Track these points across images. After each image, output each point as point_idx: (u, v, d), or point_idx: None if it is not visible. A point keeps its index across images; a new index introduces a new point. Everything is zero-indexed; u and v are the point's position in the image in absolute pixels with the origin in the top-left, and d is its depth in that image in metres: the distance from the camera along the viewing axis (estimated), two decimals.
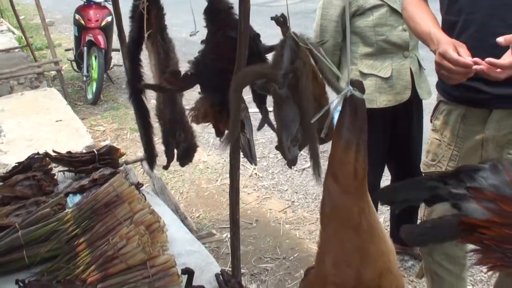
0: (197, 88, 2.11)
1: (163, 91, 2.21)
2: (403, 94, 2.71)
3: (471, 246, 1.29)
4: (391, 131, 2.88)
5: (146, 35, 2.20)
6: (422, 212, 2.32)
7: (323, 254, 1.53)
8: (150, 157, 2.74)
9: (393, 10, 2.60)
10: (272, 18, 1.60)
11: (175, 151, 2.74)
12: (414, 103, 2.80)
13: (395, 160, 3.11)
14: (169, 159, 2.77)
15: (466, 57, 1.61)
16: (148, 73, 2.55)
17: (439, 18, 2.01)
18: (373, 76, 2.66)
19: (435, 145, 2.16)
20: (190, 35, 1.97)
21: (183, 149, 2.64)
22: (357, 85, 1.32)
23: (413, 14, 1.99)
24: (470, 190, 1.24)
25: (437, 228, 1.31)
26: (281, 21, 1.58)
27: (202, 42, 2.03)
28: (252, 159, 2.15)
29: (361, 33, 2.62)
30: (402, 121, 2.87)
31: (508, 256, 1.21)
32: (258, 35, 1.84)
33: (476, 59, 1.58)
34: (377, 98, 2.66)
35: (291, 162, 1.75)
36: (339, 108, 2.40)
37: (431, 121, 2.20)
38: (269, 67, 1.65)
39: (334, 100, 1.39)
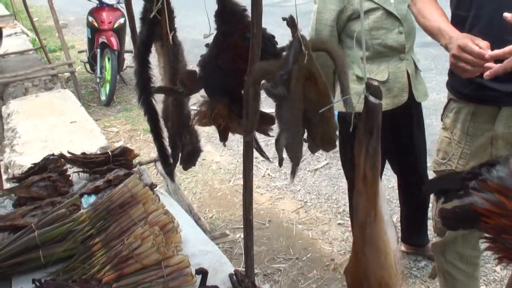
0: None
1: (177, 94, 2.21)
2: (401, 97, 2.69)
3: (484, 246, 1.32)
4: (392, 135, 2.86)
5: (168, 37, 2.20)
6: (434, 210, 2.32)
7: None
8: (164, 159, 2.74)
9: (389, 13, 2.57)
10: (283, 19, 1.61)
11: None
12: (412, 104, 2.79)
13: (400, 162, 3.10)
14: (175, 162, 2.78)
15: (486, 49, 1.62)
16: (157, 75, 2.56)
17: (448, 13, 2.02)
18: (369, 80, 2.63)
19: (445, 143, 2.17)
20: (204, 37, 1.98)
21: (188, 152, 2.63)
22: (373, 89, 1.33)
23: (423, 9, 1.99)
24: (478, 182, 1.30)
25: (460, 214, 1.35)
26: (290, 22, 1.59)
27: (206, 45, 2.04)
28: (267, 157, 2.17)
29: (357, 36, 2.59)
30: (402, 123, 2.85)
31: (507, 247, 1.23)
32: (272, 36, 1.85)
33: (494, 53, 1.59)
34: None
35: (281, 162, 1.76)
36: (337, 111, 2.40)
37: (441, 120, 2.20)
38: (277, 66, 1.66)
39: (334, 103, 1.41)
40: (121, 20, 7.16)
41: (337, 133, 1.69)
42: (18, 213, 2.20)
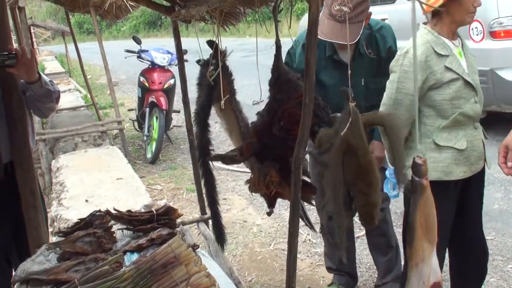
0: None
1: (233, 161, 2.24)
2: (477, 164, 2.72)
3: None
4: (461, 201, 2.82)
5: (222, 102, 2.25)
6: None
7: None
8: (219, 232, 2.73)
9: (467, 83, 2.61)
10: (340, 91, 1.64)
11: None
12: (484, 171, 2.82)
13: (463, 230, 3.01)
14: None
15: None
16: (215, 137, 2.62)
17: None
18: (449, 149, 2.64)
19: None
20: (253, 104, 2.04)
21: None
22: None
23: None
24: None
25: None
26: (346, 94, 1.62)
27: (257, 113, 2.08)
28: (311, 225, 2.16)
29: (437, 106, 2.62)
30: (473, 189, 2.82)
31: None
32: (326, 106, 1.89)
33: None
34: (455, 170, 2.65)
35: (323, 227, 1.78)
36: (395, 193, 2.41)
37: None
38: (327, 135, 1.69)
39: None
40: (171, 81, 7.38)
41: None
42: (62, 267, 2.23)
